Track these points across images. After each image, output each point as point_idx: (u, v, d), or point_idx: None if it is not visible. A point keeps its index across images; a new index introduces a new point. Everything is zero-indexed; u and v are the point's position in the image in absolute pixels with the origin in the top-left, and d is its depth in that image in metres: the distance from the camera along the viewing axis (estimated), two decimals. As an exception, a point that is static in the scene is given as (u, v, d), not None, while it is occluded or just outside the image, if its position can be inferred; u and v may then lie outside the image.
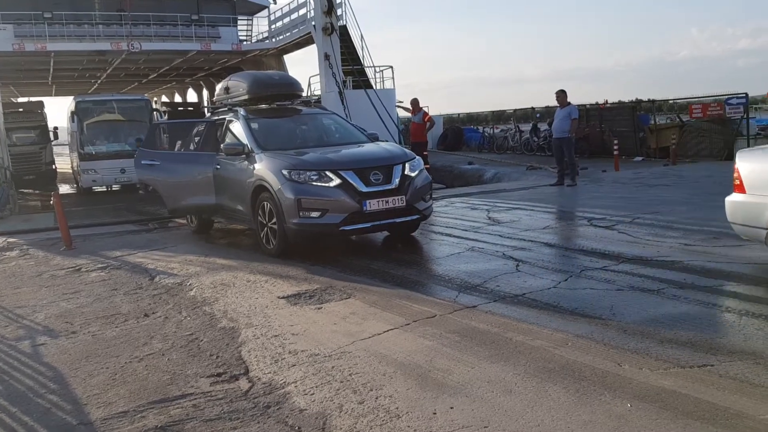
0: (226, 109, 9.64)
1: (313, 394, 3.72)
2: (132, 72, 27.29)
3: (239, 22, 26.81)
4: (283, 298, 5.85)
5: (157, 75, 27.84)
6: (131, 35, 21.86)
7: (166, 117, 21.01)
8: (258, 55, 24.41)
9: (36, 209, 15.88)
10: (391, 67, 21.79)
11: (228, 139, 8.80)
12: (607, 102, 23.46)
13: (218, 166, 8.82)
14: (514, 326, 4.66)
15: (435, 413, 3.38)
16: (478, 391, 3.62)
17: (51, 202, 9.88)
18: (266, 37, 25.77)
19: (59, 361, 4.55)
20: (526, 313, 4.95)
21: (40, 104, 23.98)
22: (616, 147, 16.53)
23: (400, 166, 7.55)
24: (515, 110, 30.20)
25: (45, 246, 9.59)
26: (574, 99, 12.83)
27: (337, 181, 7.14)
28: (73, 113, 19.41)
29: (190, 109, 28.07)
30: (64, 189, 22.00)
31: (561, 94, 12.78)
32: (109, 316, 5.64)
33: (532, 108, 28.62)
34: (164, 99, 38.46)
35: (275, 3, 25.95)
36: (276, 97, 9.60)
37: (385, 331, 4.72)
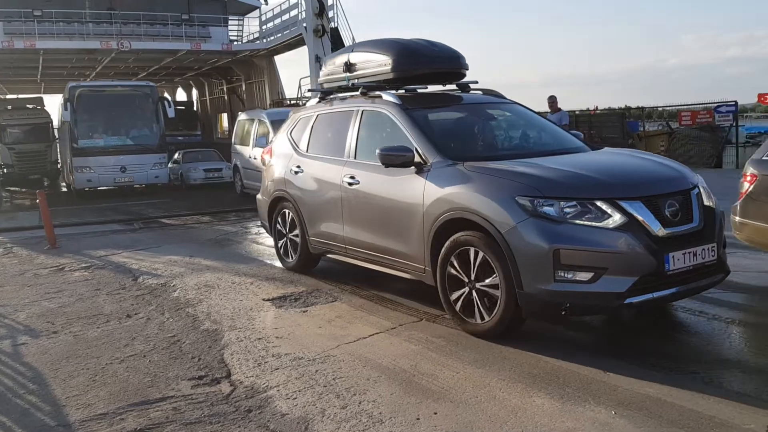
0: (357, 93, 6.22)
1: (295, 398, 3.68)
2: (121, 70, 27.15)
3: (230, 23, 26.77)
4: (268, 300, 5.80)
5: (146, 74, 27.70)
6: (121, 34, 21.68)
7: (173, 108, 18.50)
8: (248, 56, 24.36)
9: (24, 207, 15.72)
10: (383, 70, 21.73)
11: (380, 141, 5.65)
12: (597, 108, 23.61)
13: (354, 180, 5.78)
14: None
15: (418, 418, 3.35)
16: (462, 396, 3.59)
17: (37, 200, 9.76)
18: (257, 38, 25.70)
19: (39, 362, 4.48)
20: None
21: (40, 101, 23.52)
22: (605, 153, 16.58)
23: (695, 191, 4.54)
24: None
25: (29, 244, 9.49)
26: (565, 105, 12.90)
27: (619, 217, 4.11)
28: (66, 101, 16.52)
29: (181, 108, 27.88)
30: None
31: (552, 100, 12.81)
32: (91, 316, 5.57)
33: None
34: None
35: (266, 4, 25.91)
36: (432, 77, 6.29)
37: (370, 335, 4.69)
